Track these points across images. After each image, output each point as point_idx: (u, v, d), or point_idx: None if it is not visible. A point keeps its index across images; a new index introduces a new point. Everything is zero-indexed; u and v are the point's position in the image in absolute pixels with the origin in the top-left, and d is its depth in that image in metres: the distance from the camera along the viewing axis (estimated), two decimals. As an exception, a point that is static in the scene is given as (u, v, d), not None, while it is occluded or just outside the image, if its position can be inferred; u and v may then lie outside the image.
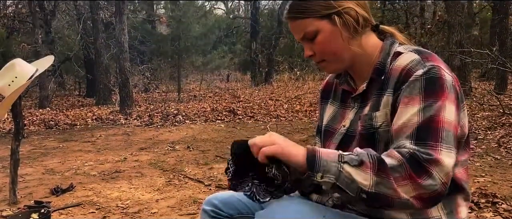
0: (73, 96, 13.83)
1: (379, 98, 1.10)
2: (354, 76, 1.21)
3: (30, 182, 3.65)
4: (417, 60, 1.05)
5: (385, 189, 0.93)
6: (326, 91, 1.34)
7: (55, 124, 7.53)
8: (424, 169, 0.93)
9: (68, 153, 5.00)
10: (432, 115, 0.98)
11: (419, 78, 1.01)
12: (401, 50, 1.12)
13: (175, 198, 3.08)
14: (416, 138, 0.97)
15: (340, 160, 0.96)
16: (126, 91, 8.67)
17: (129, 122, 7.47)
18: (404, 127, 1.00)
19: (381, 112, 1.08)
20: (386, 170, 0.93)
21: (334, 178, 0.95)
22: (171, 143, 5.33)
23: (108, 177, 3.77)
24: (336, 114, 1.25)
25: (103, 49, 10.65)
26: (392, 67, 1.09)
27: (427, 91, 1.00)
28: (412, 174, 0.92)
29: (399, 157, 0.94)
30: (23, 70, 2.75)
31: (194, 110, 8.31)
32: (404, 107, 1.02)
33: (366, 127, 1.10)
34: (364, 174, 0.94)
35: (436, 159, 0.94)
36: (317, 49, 1.14)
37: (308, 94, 10.16)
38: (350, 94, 1.21)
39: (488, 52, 5.98)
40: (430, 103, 0.99)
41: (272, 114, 7.56)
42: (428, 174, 0.93)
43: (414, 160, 0.93)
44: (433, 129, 0.97)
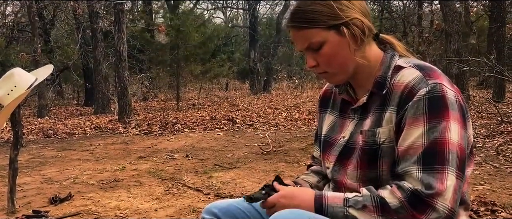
0: (72, 105, 13.82)
1: (381, 113, 1.10)
2: (354, 86, 1.21)
3: (28, 191, 3.64)
4: (419, 78, 1.05)
5: None
6: (325, 100, 1.33)
7: (53, 133, 7.52)
8: (427, 204, 0.96)
9: (66, 162, 4.99)
10: (437, 138, 1.00)
11: (423, 98, 1.02)
12: (401, 64, 1.11)
13: (174, 207, 3.07)
14: (422, 163, 0.99)
15: (345, 205, 1.03)
16: (125, 100, 8.66)
17: (128, 131, 7.46)
18: (410, 149, 1.02)
19: (384, 129, 1.08)
20: (390, 211, 0.98)
21: None
22: (170, 151, 5.32)
23: (106, 186, 3.76)
24: (336, 124, 1.24)
25: (102, 58, 10.67)
26: (394, 82, 1.09)
27: (430, 112, 1.01)
28: (414, 214, 0.97)
29: (400, 197, 0.98)
30: (22, 79, 2.75)
31: (193, 119, 8.31)
32: (409, 128, 1.03)
33: (369, 143, 1.10)
34: (369, 216, 1.00)
35: (438, 191, 0.97)
36: (322, 60, 1.12)
37: (307, 103, 10.18)
38: (350, 105, 1.20)
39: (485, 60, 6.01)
40: (434, 125, 1.00)
41: (271, 122, 7.56)
42: (431, 207, 0.97)
43: (415, 199, 0.97)
44: (439, 152, 0.99)
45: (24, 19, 13.06)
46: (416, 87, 1.04)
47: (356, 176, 1.13)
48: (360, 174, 1.12)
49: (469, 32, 12.43)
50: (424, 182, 0.98)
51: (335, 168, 1.20)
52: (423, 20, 13.76)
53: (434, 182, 0.97)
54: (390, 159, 1.07)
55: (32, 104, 12.68)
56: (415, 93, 1.03)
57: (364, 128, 1.13)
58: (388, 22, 14.60)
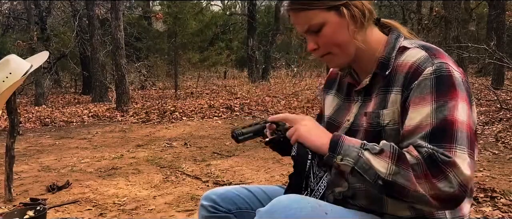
0: (69, 94, 13.76)
1: (385, 95, 1.08)
2: (357, 70, 1.19)
3: (25, 180, 3.62)
4: (424, 57, 1.03)
5: (402, 179, 0.94)
6: (331, 81, 1.31)
7: (51, 121, 7.49)
8: (441, 170, 0.93)
9: (64, 150, 4.97)
10: (446, 116, 0.97)
11: (429, 77, 1.00)
12: (406, 45, 1.09)
13: (172, 195, 3.05)
14: (429, 139, 0.96)
15: (362, 147, 0.99)
16: (123, 88, 8.61)
17: (126, 119, 7.43)
18: (418, 128, 0.98)
19: (389, 110, 1.06)
20: (406, 163, 0.95)
21: (353, 162, 0.99)
22: (168, 140, 5.30)
23: (104, 174, 3.74)
24: (341, 107, 1.23)
25: (99, 46, 10.58)
26: (398, 62, 1.07)
27: (438, 91, 0.98)
28: (427, 174, 0.93)
29: (417, 155, 0.95)
30: (18, 66, 2.71)
31: (191, 107, 8.27)
32: (416, 108, 1.00)
33: (373, 124, 1.08)
34: (383, 162, 0.96)
35: (453, 162, 0.93)
36: (322, 42, 1.11)
37: (305, 91, 10.14)
38: (354, 87, 1.19)
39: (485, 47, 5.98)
40: (443, 103, 0.98)
41: (270, 110, 7.54)
42: (444, 175, 0.93)
43: (431, 160, 0.93)
44: (448, 131, 0.96)
45: (20, 6, 12.92)
46: (422, 66, 1.02)
47: None
48: None
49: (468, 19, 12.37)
50: (438, 151, 0.93)
51: None
52: (423, 7, 13.67)
53: (447, 154, 0.93)
54: (394, 142, 1.04)
55: (29, 93, 12.62)
56: (421, 72, 1.01)
57: (368, 110, 1.11)
58: (387, 9, 14.51)
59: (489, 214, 2.37)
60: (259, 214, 1.02)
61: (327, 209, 1.01)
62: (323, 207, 1.01)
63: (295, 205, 0.98)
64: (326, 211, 1.00)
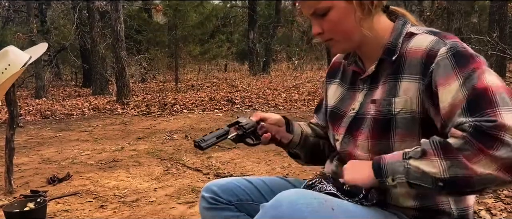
0: (70, 86, 13.74)
1: (395, 82, 1.05)
2: (362, 57, 1.16)
3: (26, 172, 3.61)
4: (435, 40, 1.00)
5: (459, 170, 0.87)
6: (334, 70, 1.29)
7: (51, 114, 7.47)
8: (492, 137, 0.85)
9: (64, 142, 4.96)
10: (476, 84, 0.92)
11: (446, 56, 0.97)
12: (414, 31, 1.07)
13: (173, 187, 3.05)
14: (470, 113, 0.90)
15: (405, 157, 0.93)
16: (123, 80, 8.59)
17: (127, 112, 7.42)
18: (453, 107, 0.93)
19: (401, 99, 1.03)
20: (453, 150, 0.87)
21: (404, 176, 0.93)
22: (169, 132, 5.29)
23: (105, 166, 3.73)
24: (345, 96, 1.20)
25: (99, 38, 10.54)
26: (407, 49, 1.04)
27: (459, 65, 0.95)
28: (482, 147, 0.85)
29: (462, 134, 0.88)
30: (17, 58, 2.69)
31: (191, 100, 8.25)
32: (443, 88, 0.95)
33: (382, 112, 1.05)
34: (431, 162, 0.89)
35: (501, 123, 0.85)
36: (327, 26, 1.08)
37: (306, 84, 10.12)
38: (359, 75, 1.16)
39: (488, 38, 5.94)
40: (469, 74, 0.93)
41: (271, 103, 7.52)
42: (498, 141, 0.84)
43: (479, 132, 0.86)
44: (483, 97, 0.90)
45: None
46: (434, 48, 0.99)
47: (366, 147, 1.09)
48: (371, 144, 1.08)
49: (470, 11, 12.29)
50: (480, 121, 0.87)
51: (345, 139, 1.16)
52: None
53: (491, 118, 0.86)
54: (403, 130, 1.03)
55: (29, 85, 12.60)
56: (435, 54, 0.98)
57: (377, 97, 1.08)
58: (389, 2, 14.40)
59: (491, 206, 2.36)
60: (264, 209, 0.98)
61: (333, 204, 0.98)
62: (330, 202, 0.98)
63: (301, 200, 0.95)
64: (333, 206, 0.97)
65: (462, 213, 1.06)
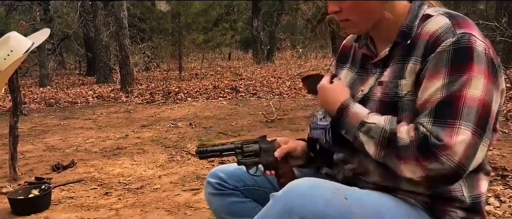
0: (74, 75, 13.73)
1: (403, 64, 1.02)
2: (375, 39, 1.12)
3: (30, 159, 3.61)
4: (447, 26, 0.96)
5: (389, 163, 0.98)
6: (344, 55, 1.25)
7: (55, 102, 7.48)
8: (432, 153, 0.91)
9: (69, 130, 4.96)
10: (454, 91, 0.92)
11: (447, 49, 0.94)
12: (430, 13, 1.02)
13: (177, 174, 3.03)
14: (434, 115, 0.93)
15: (360, 127, 1.02)
16: (127, 68, 8.56)
17: (131, 100, 7.41)
18: (427, 102, 0.95)
19: (407, 81, 1.01)
20: (394, 147, 0.96)
21: (351, 139, 1.05)
22: (173, 120, 5.27)
23: (109, 153, 3.72)
24: (355, 81, 1.16)
25: (102, 26, 10.49)
26: (421, 31, 1.01)
27: (453, 65, 0.93)
28: (418, 156, 0.92)
29: (412, 136, 0.94)
30: (19, 44, 2.67)
31: (195, 88, 8.23)
32: (429, 81, 0.96)
33: (389, 94, 1.03)
34: (373, 145, 0.99)
35: (446, 144, 0.90)
36: (346, 6, 1.04)
37: (311, 72, 10.05)
38: (370, 59, 1.12)
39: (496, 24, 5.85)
40: (455, 78, 0.93)
41: (275, 91, 7.48)
42: (435, 158, 0.91)
43: (424, 143, 0.92)
44: (453, 106, 0.92)
45: (23, -13, 12.78)
46: (442, 36, 0.96)
47: None
48: None
49: (477, -2, 12.11)
50: (433, 134, 0.92)
51: None
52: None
53: (442, 134, 0.91)
54: (411, 114, 1.00)
55: (34, 74, 12.61)
56: (440, 43, 0.95)
57: (384, 79, 1.05)
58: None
59: (500, 192, 2.33)
60: (274, 199, 0.96)
61: (346, 193, 0.95)
62: (342, 191, 0.96)
63: (313, 190, 0.93)
64: (346, 196, 0.94)
65: (474, 201, 1.04)
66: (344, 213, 0.92)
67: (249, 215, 1.16)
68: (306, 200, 0.91)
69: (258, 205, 1.28)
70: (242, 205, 1.28)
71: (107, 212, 2.41)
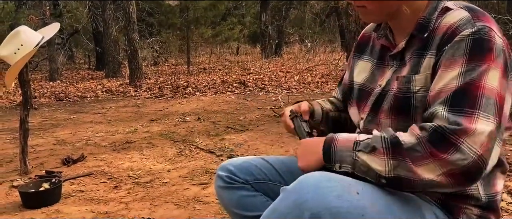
0: (83, 69, 13.81)
1: (419, 59, 0.99)
2: (394, 30, 1.10)
3: (41, 153, 3.64)
4: (466, 19, 0.93)
5: (404, 172, 0.88)
6: (362, 45, 1.22)
7: (65, 96, 7.53)
8: (450, 142, 0.84)
9: (78, 124, 4.99)
10: (472, 79, 0.88)
11: (465, 39, 0.90)
12: (450, 6, 1.00)
13: (186, 168, 3.03)
14: (450, 103, 0.87)
15: (355, 148, 0.94)
16: (136, 63, 8.59)
17: (139, 94, 7.43)
18: (441, 92, 0.90)
19: (421, 76, 0.98)
20: (402, 151, 0.88)
21: (351, 167, 0.94)
22: (182, 114, 5.28)
23: (119, 147, 3.74)
24: (374, 72, 1.14)
25: (111, 21, 10.52)
26: (439, 24, 0.98)
27: (471, 54, 0.89)
28: (433, 151, 0.85)
29: (418, 133, 0.88)
30: (29, 38, 2.68)
31: (204, 82, 8.23)
32: (445, 70, 0.91)
33: (402, 90, 1.00)
34: (379, 160, 0.90)
35: (466, 128, 0.83)
36: None
37: (319, 66, 10.00)
38: (389, 51, 1.10)
39: (509, 17, 5.77)
40: (473, 67, 0.88)
41: (283, 85, 7.45)
42: (455, 147, 0.83)
43: (437, 134, 0.85)
44: (471, 95, 0.87)
45: (32, -18, 12.85)
46: (461, 27, 0.93)
47: (388, 125, 1.04)
48: (393, 122, 1.03)
49: (489, -9, 11.94)
50: (450, 120, 0.86)
51: (369, 117, 1.11)
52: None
53: (461, 120, 0.85)
54: (424, 110, 0.97)
55: (43, 68, 12.70)
56: (458, 33, 0.92)
57: (400, 74, 1.03)
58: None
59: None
60: (285, 192, 0.94)
61: (358, 188, 0.93)
62: (354, 185, 0.93)
63: (325, 183, 0.90)
64: (358, 191, 0.92)
65: (490, 199, 1.02)
66: (355, 208, 0.89)
67: (259, 209, 1.15)
68: (317, 193, 0.89)
69: (269, 199, 1.26)
70: (252, 199, 1.27)
71: (116, 205, 2.42)
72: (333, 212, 0.87)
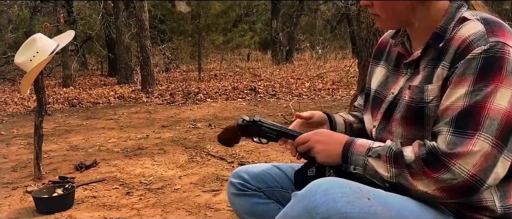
0: (96, 76, 13.97)
1: (433, 69, 1.00)
2: (412, 38, 1.10)
3: (54, 158, 3.68)
4: (480, 33, 0.93)
5: (404, 181, 0.96)
6: (380, 51, 1.23)
7: (78, 102, 7.62)
8: (442, 163, 0.91)
9: (91, 130, 5.04)
10: (478, 101, 0.90)
11: (477, 57, 0.91)
12: (467, 16, 0.99)
13: (198, 175, 3.04)
14: (454, 125, 0.91)
15: (367, 153, 1.02)
16: (147, 69, 8.67)
17: (151, 101, 7.49)
18: (448, 109, 0.93)
19: (434, 86, 0.98)
20: (402, 164, 0.96)
21: (362, 170, 1.03)
22: (193, 121, 5.30)
23: (131, 153, 3.77)
24: (388, 79, 1.15)
25: (124, 28, 10.65)
26: (454, 35, 0.97)
27: (481, 73, 0.90)
28: (426, 170, 0.92)
29: (417, 152, 0.95)
30: (44, 45, 2.72)
31: (215, 89, 8.27)
32: (454, 88, 0.93)
33: (415, 99, 1.01)
34: (383, 165, 0.99)
35: (460, 151, 0.88)
36: (378, 2, 1.04)
37: (330, 73, 9.98)
38: (404, 58, 1.10)
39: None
40: (480, 87, 0.90)
41: (294, 92, 7.45)
42: (446, 168, 0.90)
43: (431, 156, 0.92)
44: (475, 116, 0.89)
45: (47, -10, 13.07)
46: (474, 43, 0.92)
47: (400, 134, 1.04)
48: (405, 132, 1.03)
49: (502, -2, 11.82)
50: (449, 143, 0.91)
51: (381, 126, 1.11)
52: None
53: (459, 144, 0.89)
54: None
55: (57, 75, 12.87)
56: (470, 50, 0.92)
57: (413, 84, 1.03)
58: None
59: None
60: (297, 198, 0.95)
61: (369, 194, 0.94)
62: (366, 191, 0.94)
63: (336, 189, 0.91)
64: (369, 196, 0.93)
65: (507, 211, 1.01)
66: (366, 214, 0.90)
67: (272, 217, 1.15)
68: (328, 198, 0.89)
69: (281, 206, 1.26)
70: (265, 206, 1.27)
71: (128, 211, 2.43)
72: (343, 217, 0.88)
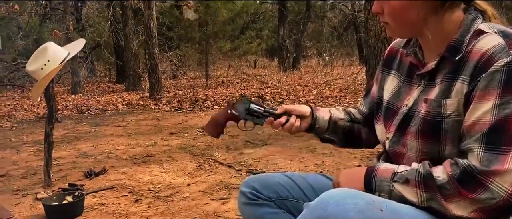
0: (104, 82, 14.07)
1: (451, 83, 0.98)
2: (423, 47, 1.08)
3: (64, 165, 3.70)
4: (501, 46, 0.91)
5: (436, 205, 0.93)
6: (390, 60, 1.21)
7: (87, 109, 7.67)
8: (479, 182, 0.88)
9: (100, 137, 5.07)
10: (508, 115, 0.88)
11: (501, 69, 0.89)
12: (483, 28, 0.97)
13: (206, 183, 3.05)
14: (485, 142, 0.89)
15: (392, 179, 0.99)
16: (155, 76, 8.72)
17: (159, 108, 7.52)
18: (476, 124, 0.91)
19: (453, 101, 0.96)
20: (434, 187, 0.92)
21: (388, 196, 0.99)
22: (201, 128, 5.31)
23: (139, 161, 3.78)
24: (400, 90, 1.13)
25: (132, 35, 10.74)
26: (472, 48, 0.96)
27: (506, 85, 0.89)
28: (462, 191, 0.89)
29: (450, 172, 0.91)
30: (55, 54, 2.75)
31: (222, 96, 8.29)
32: (478, 102, 0.91)
33: (432, 113, 0.99)
34: (412, 191, 0.95)
35: (496, 170, 0.86)
36: (388, 10, 1.03)
37: (337, 80, 9.97)
38: (417, 69, 1.09)
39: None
40: (507, 100, 0.88)
41: (301, 99, 7.45)
42: (483, 187, 0.88)
43: (467, 175, 0.89)
44: (507, 132, 0.87)
45: (57, -3, 13.23)
46: (495, 56, 0.91)
47: (415, 148, 1.03)
48: (421, 145, 1.02)
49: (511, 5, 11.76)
50: (483, 160, 0.88)
51: (394, 138, 1.10)
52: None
53: (494, 161, 0.87)
54: (455, 135, 0.96)
55: (66, 81, 12.98)
56: (492, 63, 0.90)
57: (430, 97, 1.01)
58: None
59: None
60: (309, 208, 0.94)
61: (382, 205, 0.93)
62: (378, 203, 0.93)
63: (348, 200, 0.91)
64: (382, 208, 0.92)
65: None
66: None
67: (282, 227, 1.15)
68: (340, 209, 0.89)
69: (291, 216, 1.26)
70: (276, 216, 1.27)
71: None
72: None
